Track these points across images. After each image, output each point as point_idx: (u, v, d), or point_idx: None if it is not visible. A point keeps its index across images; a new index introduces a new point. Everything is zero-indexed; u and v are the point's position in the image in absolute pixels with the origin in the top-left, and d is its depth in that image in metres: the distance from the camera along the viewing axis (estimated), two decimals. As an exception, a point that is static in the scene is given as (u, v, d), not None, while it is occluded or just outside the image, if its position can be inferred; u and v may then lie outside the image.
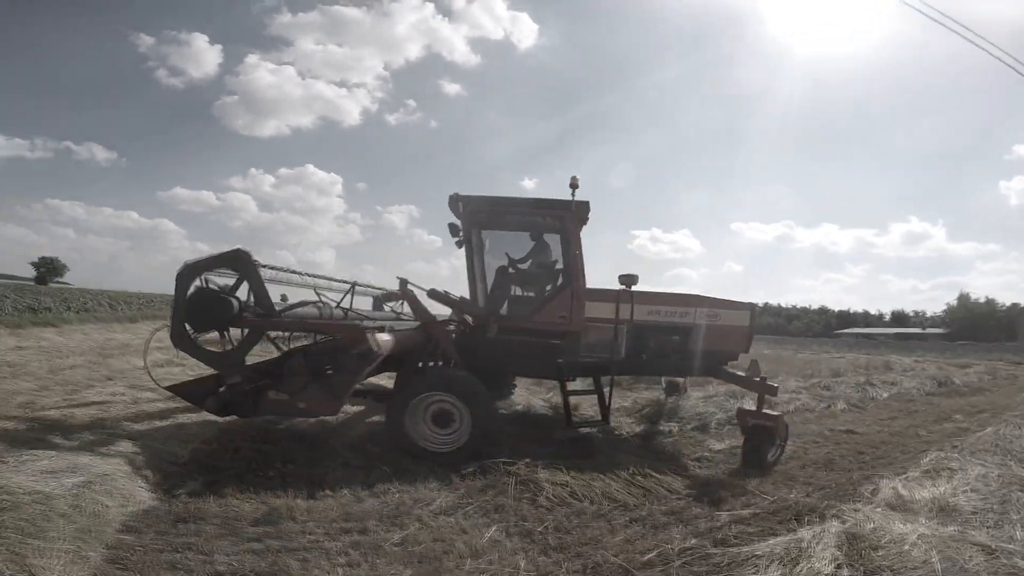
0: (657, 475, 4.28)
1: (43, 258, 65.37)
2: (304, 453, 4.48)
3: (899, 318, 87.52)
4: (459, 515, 3.42)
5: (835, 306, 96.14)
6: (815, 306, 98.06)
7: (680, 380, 7.75)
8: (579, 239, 5.83)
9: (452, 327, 6.05)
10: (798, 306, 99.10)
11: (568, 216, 5.78)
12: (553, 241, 6.12)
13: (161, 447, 4.27)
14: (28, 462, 3.58)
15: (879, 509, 3.51)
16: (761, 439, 4.95)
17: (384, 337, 4.93)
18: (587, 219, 5.97)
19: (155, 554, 2.67)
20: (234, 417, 4.95)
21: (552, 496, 3.76)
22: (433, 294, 5.78)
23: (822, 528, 3.06)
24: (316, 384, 4.56)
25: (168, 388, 5.11)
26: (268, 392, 4.65)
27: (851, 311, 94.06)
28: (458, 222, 5.99)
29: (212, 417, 5.13)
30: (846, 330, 76.60)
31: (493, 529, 3.22)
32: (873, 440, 6.17)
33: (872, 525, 3.10)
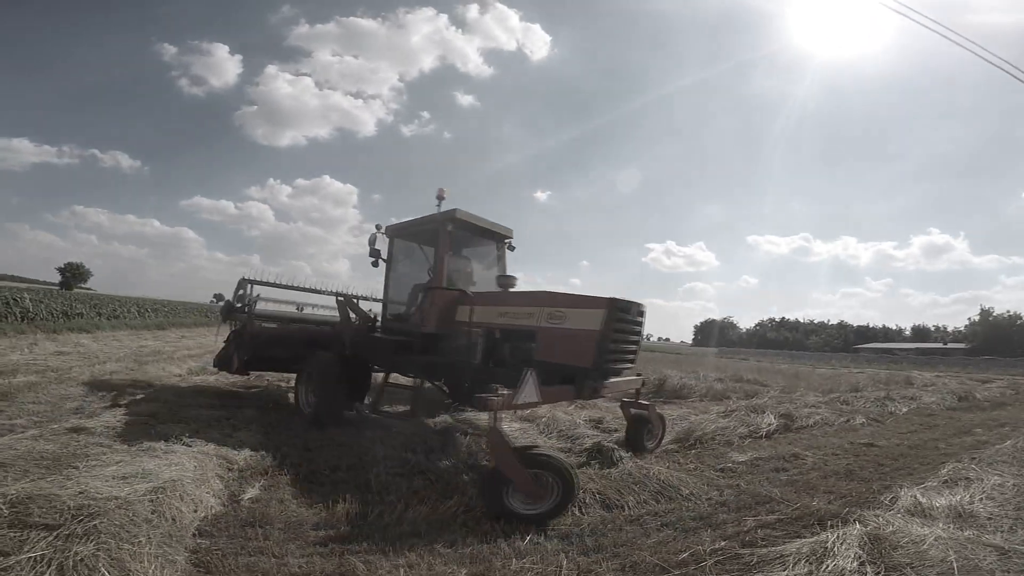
0: (683, 485, 4.49)
1: (68, 264, 67.10)
2: (347, 460, 4.74)
3: (920, 333, 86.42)
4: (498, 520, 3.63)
5: (854, 321, 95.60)
6: (833, 321, 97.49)
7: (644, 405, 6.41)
8: (446, 244, 6.53)
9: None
10: (816, 321, 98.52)
11: (436, 225, 6.62)
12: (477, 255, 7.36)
13: (215, 453, 4.51)
14: (97, 468, 3.75)
15: (899, 515, 3.73)
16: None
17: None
18: (451, 226, 6.63)
19: (232, 557, 2.88)
20: (282, 423, 5.39)
21: (584, 502, 3.98)
22: (338, 301, 7.26)
23: (845, 531, 3.27)
24: None
25: None
26: None
27: (871, 326, 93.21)
28: (378, 248, 7.15)
29: (258, 424, 5.55)
30: (866, 345, 75.85)
31: (532, 532, 3.45)
32: (892, 452, 6.31)
33: (892, 528, 3.31)
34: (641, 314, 5.46)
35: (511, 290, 6.01)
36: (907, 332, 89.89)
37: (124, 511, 2.99)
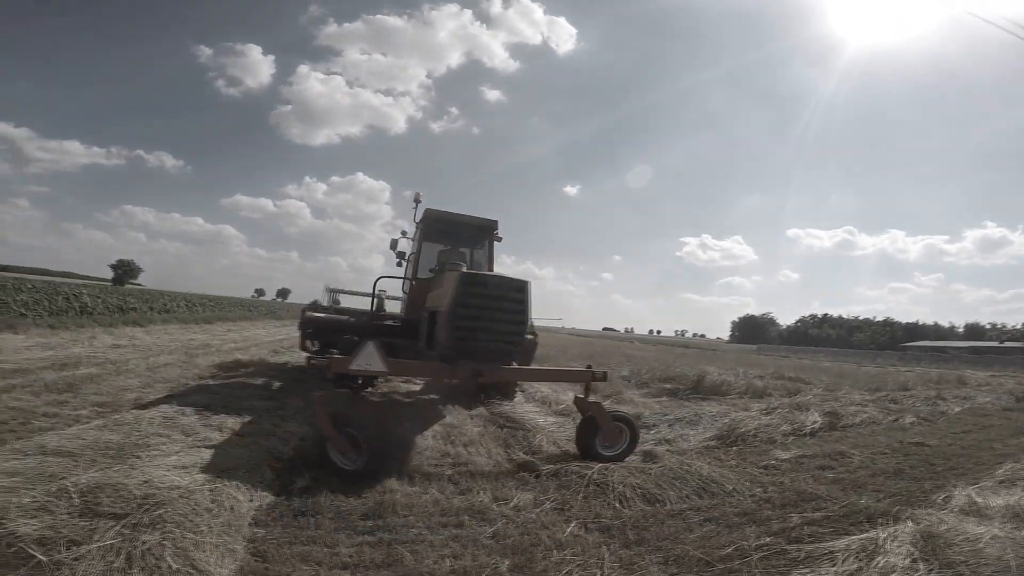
0: (726, 481, 4.44)
1: (120, 260, 70.57)
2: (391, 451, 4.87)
3: (974, 331, 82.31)
4: (537, 512, 3.68)
5: (902, 317, 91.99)
6: (879, 317, 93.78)
7: None
8: (419, 239, 7.94)
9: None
10: (861, 317, 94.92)
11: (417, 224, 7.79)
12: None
13: (266, 443, 4.69)
14: (158, 457, 3.93)
15: (952, 513, 3.64)
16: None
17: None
18: (424, 225, 8.01)
19: (287, 546, 2.97)
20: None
21: (626, 496, 4.00)
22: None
23: (896, 528, 3.22)
24: None
25: None
26: None
27: (920, 323, 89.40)
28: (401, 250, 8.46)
29: (302, 416, 5.78)
30: (914, 343, 72.69)
31: (572, 525, 3.47)
32: (945, 452, 6.09)
33: (946, 526, 3.24)
34: (518, 290, 5.32)
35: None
36: (959, 329, 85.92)
37: (186, 500, 3.10)
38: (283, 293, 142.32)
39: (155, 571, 2.46)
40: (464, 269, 6.14)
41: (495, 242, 8.60)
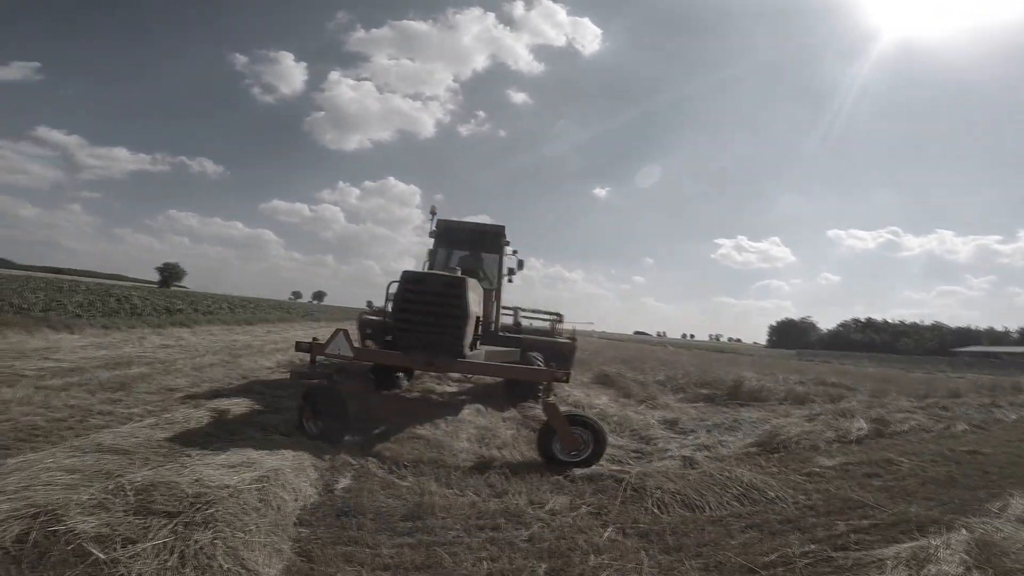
0: (768, 488, 4.35)
1: (166, 264, 73.68)
2: (427, 453, 4.94)
3: (1032, 336, 77.68)
4: (574, 516, 3.68)
5: (951, 322, 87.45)
6: (927, 321, 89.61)
7: None
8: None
9: None
10: (907, 321, 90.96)
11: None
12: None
13: (309, 443, 4.79)
14: (208, 456, 3.96)
15: (1009, 522, 3.49)
16: None
17: None
18: (438, 234, 8.94)
19: (331, 547, 3.03)
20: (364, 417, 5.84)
21: (664, 502, 3.96)
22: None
23: (949, 536, 3.09)
24: None
25: None
26: None
27: (972, 328, 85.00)
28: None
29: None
30: (966, 348, 68.98)
31: (610, 529, 3.45)
32: (999, 460, 5.83)
33: (1002, 535, 3.11)
34: (454, 287, 5.89)
35: None
36: (1015, 334, 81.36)
37: (236, 499, 3.12)
38: (319, 295, 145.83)
39: (207, 570, 2.50)
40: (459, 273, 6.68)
41: (505, 246, 9.28)
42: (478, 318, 6.41)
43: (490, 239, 9.28)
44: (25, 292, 16.75)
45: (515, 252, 9.59)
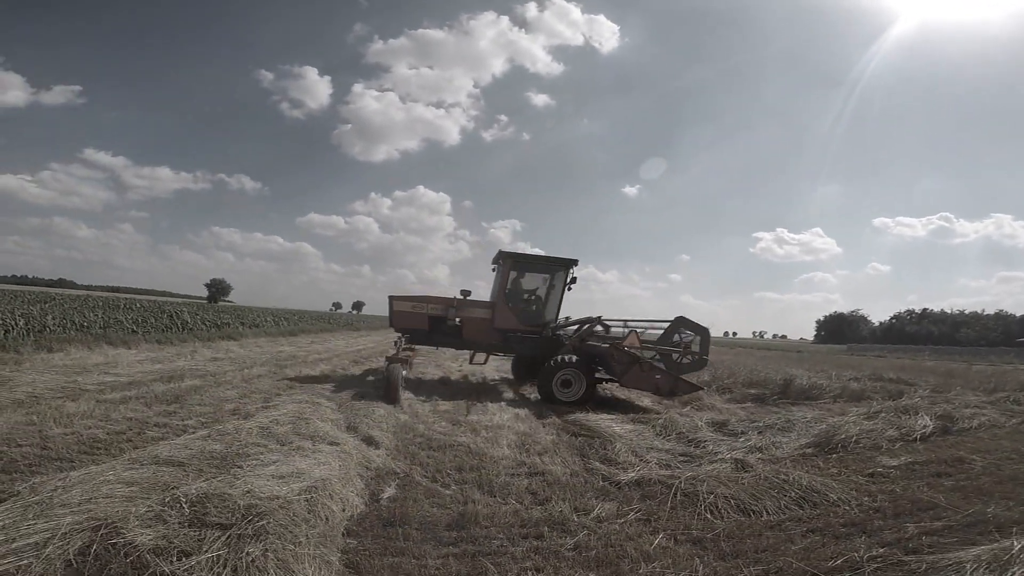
0: (829, 490, 4.13)
1: (214, 280, 76.91)
2: (469, 461, 4.91)
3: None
4: (621, 523, 3.57)
5: (1016, 310, 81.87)
6: (989, 310, 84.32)
7: None
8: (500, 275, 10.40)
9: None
10: (966, 311, 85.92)
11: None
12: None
13: (355, 452, 4.83)
14: (258, 467, 4.02)
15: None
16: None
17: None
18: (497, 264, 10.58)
19: (378, 558, 3.02)
20: (408, 426, 6.11)
21: (717, 507, 3.80)
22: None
23: (1033, 536, 2.84)
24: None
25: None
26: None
27: (1042, 315, 79.36)
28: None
29: (387, 424, 6.03)
30: (1035, 337, 64.48)
31: (660, 536, 3.33)
32: (1086, 457, 5.37)
33: None
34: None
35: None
36: (1090, 320, 75.60)
37: (285, 511, 3.15)
38: (358, 306, 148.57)
39: (258, 583, 2.50)
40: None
41: (500, 265, 10.47)
42: None
43: (500, 262, 10.73)
44: (85, 310, 17.61)
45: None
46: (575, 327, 10.49)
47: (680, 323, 9.61)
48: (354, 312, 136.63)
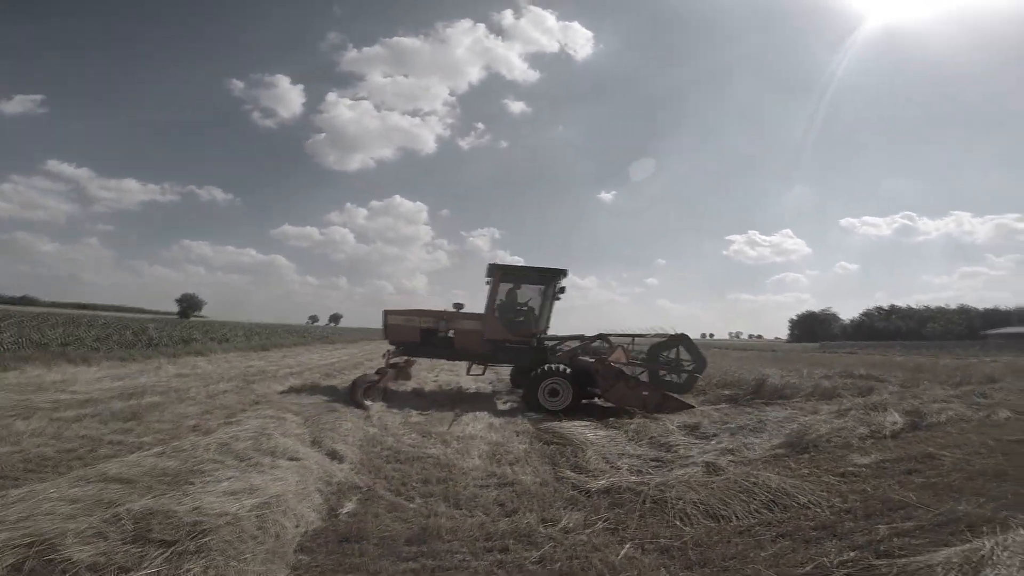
0: (799, 492, 4.06)
1: (184, 295, 75.27)
2: (436, 473, 4.76)
3: (1065, 314, 74.93)
4: (588, 533, 3.47)
5: (978, 303, 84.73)
6: (953, 305, 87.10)
7: None
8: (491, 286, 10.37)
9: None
10: (932, 306, 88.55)
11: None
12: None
13: (316, 467, 4.66)
14: (211, 483, 3.89)
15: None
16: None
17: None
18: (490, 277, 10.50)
19: (330, 574, 2.90)
20: (375, 439, 6.04)
21: (686, 513, 3.71)
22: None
23: (1006, 537, 2.80)
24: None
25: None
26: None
27: (1000, 308, 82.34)
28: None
29: (354, 438, 5.86)
30: (997, 330, 66.77)
31: (627, 546, 3.23)
32: (1054, 451, 5.42)
33: None
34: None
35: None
36: (1048, 312, 78.45)
37: (233, 527, 3.06)
38: (335, 318, 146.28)
39: (196, 599, 2.39)
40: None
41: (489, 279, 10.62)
42: None
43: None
44: (44, 328, 16.98)
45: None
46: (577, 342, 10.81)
47: (680, 341, 9.92)
48: (331, 325, 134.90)
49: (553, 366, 9.04)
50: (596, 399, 9.31)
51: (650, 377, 9.51)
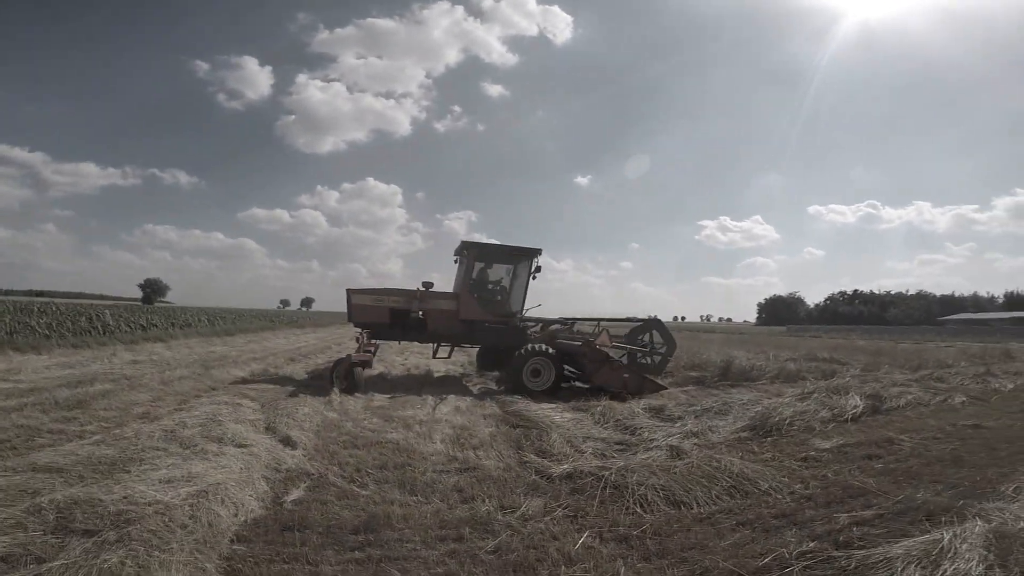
0: (761, 477, 4.01)
1: (148, 280, 72.82)
2: (395, 458, 4.58)
3: (1015, 301, 78.29)
4: (547, 521, 3.34)
5: (936, 290, 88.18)
6: (912, 291, 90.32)
7: None
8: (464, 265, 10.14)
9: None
10: (893, 292, 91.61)
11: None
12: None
13: (267, 453, 4.46)
14: (148, 471, 3.77)
15: (1024, 507, 3.15)
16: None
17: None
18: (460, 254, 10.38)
19: (265, 564, 2.73)
20: (334, 423, 5.86)
21: (647, 499, 3.61)
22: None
23: (963, 527, 2.76)
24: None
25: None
26: None
27: (956, 295, 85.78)
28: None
29: (311, 423, 5.69)
30: (952, 316, 69.76)
31: (585, 535, 3.11)
32: (1005, 435, 5.54)
33: (1023, 525, 2.79)
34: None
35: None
36: (999, 300, 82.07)
37: (161, 516, 2.95)
38: (307, 302, 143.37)
39: (113, 590, 2.29)
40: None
41: (464, 255, 10.39)
42: None
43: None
44: (-9, 315, 16.16)
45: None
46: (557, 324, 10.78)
47: (654, 325, 9.94)
48: (303, 309, 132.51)
49: (538, 346, 8.88)
50: (574, 382, 9.29)
51: (629, 360, 9.46)
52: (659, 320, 10.06)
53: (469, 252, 10.15)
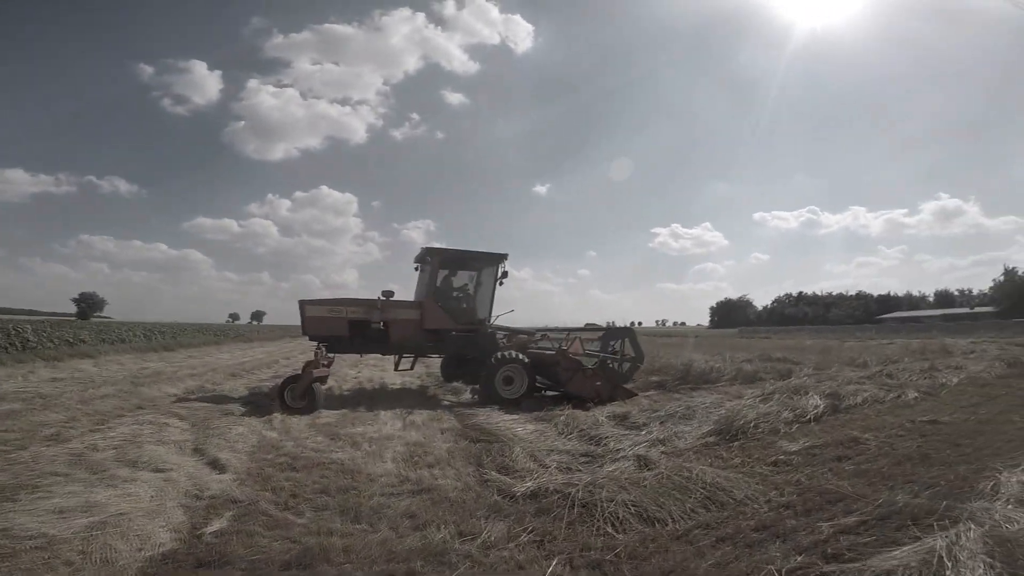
0: (735, 486, 3.77)
1: (83, 294, 68.19)
2: (337, 481, 4.12)
3: (944, 298, 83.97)
4: (512, 548, 2.98)
5: (873, 290, 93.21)
6: (851, 292, 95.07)
7: None
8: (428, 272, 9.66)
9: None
10: (834, 293, 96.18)
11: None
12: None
13: (188, 478, 3.97)
14: (40, 500, 3.37)
15: (1010, 506, 3.03)
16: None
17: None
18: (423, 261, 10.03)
19: None
20: (272, 444, 5.36)
21: (618, 517, 3.30)
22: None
23: (957, 532, 2.57)
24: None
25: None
26: None
27: (892, 294, 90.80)
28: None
29: (245, 444, 5.18)
30: (889, 315, 73.88)
31: (555, 562, 2.76)
32: (964, 429, 5.54)
33: (1019, 525, 2.65)
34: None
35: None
36: (930, 298, 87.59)
37: (41, 552, 2.67)
38: (257, 316, 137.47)
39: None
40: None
41: (427, 262, 9.96)
42: None
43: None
44: None
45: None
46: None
47: (627, 334, 9.86)
48: (254, 323, 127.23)
49: (511, 353, 8.66)
50: (545, 391, 9.09)
51: (600, 367, 9.30)
52: (631, 330, 9.94)
53: (432, 259, 9.63)
